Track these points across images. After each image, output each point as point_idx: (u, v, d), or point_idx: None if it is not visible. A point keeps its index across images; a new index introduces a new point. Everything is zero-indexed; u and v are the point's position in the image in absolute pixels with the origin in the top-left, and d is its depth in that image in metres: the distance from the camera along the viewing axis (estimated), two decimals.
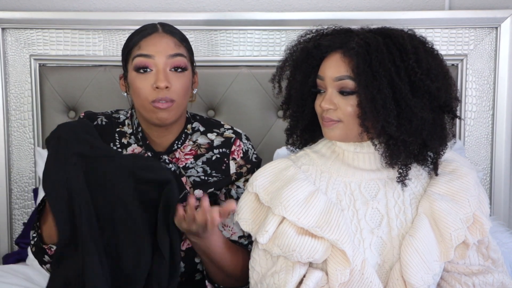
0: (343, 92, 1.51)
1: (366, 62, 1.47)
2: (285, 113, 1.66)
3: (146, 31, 1.71)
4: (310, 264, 1.53)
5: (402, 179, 1.54)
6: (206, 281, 1.69)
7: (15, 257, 2.24)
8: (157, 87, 1.64)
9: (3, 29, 2.29)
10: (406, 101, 1.47)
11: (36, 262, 1.99)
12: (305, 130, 1.63)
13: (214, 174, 1.73)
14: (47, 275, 2.00)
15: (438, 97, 1.52)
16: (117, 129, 1.77)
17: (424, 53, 1.52)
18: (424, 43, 1.56)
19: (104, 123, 1.78)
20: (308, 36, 1.62)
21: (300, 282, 1.50)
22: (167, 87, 1.64)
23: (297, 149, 1.67)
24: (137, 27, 1.76)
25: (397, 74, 1.47)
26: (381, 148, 1.54)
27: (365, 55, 1.48)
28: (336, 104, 1.51)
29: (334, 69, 1.52)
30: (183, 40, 1.73)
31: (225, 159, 1.74)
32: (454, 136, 1.69)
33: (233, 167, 1.74)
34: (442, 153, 1.57)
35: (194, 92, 1.79)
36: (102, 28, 2.28)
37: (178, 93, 1.66)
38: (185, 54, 1.71)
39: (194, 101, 1.85)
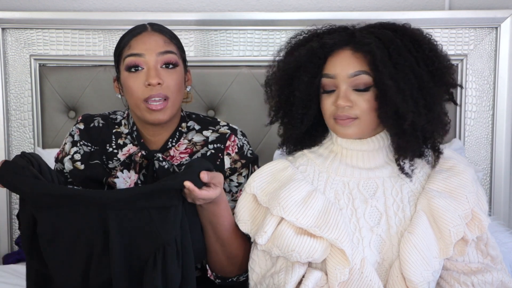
0: (359, 89, 1.50)
1: (385, 55, 1.47)
2: (282, 118, 1.62)
3: (136, 31, 1.72)
4: (310, 264, 1.53)
5: (406, 171, 1.55)
6: (207, 266, 1.66)
7: (15, 257, 2.25)
8: (149, 84, 1.65)
9: (3, 29, 2.29)
10: (428, 90, 1.49)
11: None
12: (305, 134, 1.61)
13: None
14: None
15: (451, 85, 1.55)
16: (114, 130, 1.78)
17: (432, 42, 1.55)
18: (423, 32, 1.58)
19: (101, 125, 1.79)
20: (299, 37, 1.60)
21: (300, 282, 1.50)
22: (159, 84, 1.65)
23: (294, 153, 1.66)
24: None
25: (417, 63, 1.49)
26: (396, 140, 1.53)
27: (382, 48, 1.48)
28: (353, 101, 1.50)
29: (347, 66, 1.51)
30: (173, 38, 1.74)
31: (220, 154, 1.74)
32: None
33: (227, 162, 1.74)
34: (442, 140, 1.58)
35: (188, 89, 1.79)
36: (102, 28, 2.29)
37: (172, 90, 1.67)
38: (175, 51, 1.71)
39: (191, 101, 1.85)
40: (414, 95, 1.47)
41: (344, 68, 1.51)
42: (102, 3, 2.36)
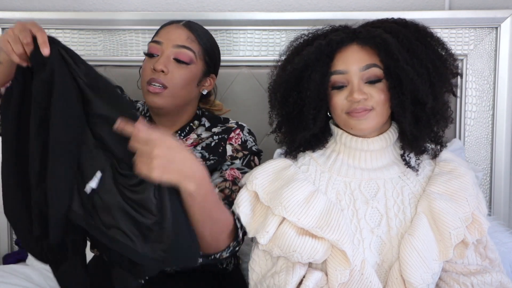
0: (372, 81, 1.51)
1: (396, 44, 1.49)
2: (290, 124, 1.59)
3: (168, 22, 1.80)
4: (310, 265, 1.53)
5: (413, 165, 1.56)
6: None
7: (15, 257, 2.25)
8: (154, 69, 1.70)
9: (3, 29, 2.29)
10: (439, 76, 1.51)
11: (36, 262, 1.99)
12: (312, 137, 1.59)
13: (211, 158, 1.75)
14: (47, 275, 2.00)
15: (453, 74, 1.57)
16: None
17: (433, 33, 1.57)
18: (422, 24, 1.59)
19: None
20: (300, 40, 1.60)
21: (300, 283, 1.50)
22: (163, 71, 1.69)
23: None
24: (137, 27, 1.77)
25: (426, 49, 1.51)
26: (409, 129, 1.53)
27: (391, 38, 1.49)
28: (367, 93, 1.51)
29: (358, 60, 1.52)
30: (201, 38, 1.77)
31: (222, 143, 1.77)
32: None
33: (229, 150, 1.75)
34: (443, 134, 1.60)
35: (204, 93, 1.83)
36: (102, 28, 2.29)
37: (174, 82, 1.70)
38: (196, 49, 1.75)
39: (223, 112, 1.92)
40: (431, 79, 1.49)
41: (355, 62, 1.52)
42: (102, 3, 2.36)
